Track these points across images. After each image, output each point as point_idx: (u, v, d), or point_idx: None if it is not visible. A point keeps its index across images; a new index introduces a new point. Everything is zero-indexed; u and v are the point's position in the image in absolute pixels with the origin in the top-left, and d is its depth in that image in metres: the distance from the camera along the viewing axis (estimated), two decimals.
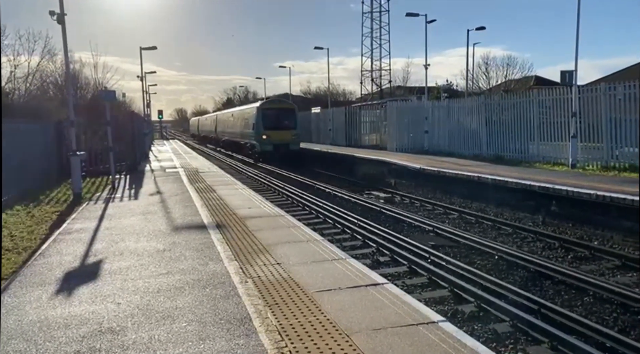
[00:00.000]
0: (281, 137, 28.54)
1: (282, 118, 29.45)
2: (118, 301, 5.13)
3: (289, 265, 6.19)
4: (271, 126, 28.88)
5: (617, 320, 6.35)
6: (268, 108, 30.15)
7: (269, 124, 28.95)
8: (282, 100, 34.76)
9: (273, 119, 29.19)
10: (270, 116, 29.37)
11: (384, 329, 4.15)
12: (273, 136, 28.57)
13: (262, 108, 30.08)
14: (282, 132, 28.80)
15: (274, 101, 34.25)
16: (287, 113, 30.03)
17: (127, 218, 9.81)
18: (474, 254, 9.45)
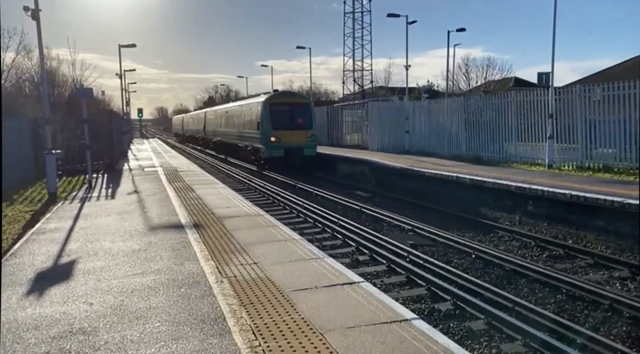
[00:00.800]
0: (294, 139, 22.87)
1: (295, 116, 23.73)
2: (91, 302, 5.06)
3: (266, 264, 6.17)
4: (282, 125, 23.15)
5: (588, 317, 6.48)
6: (277, 102, 23.98)
7: (279, 123, 23.18)
8: (294, 93, 29.69)
9: (284, 117, 23.47)
10: (280, 113, 23.51)
11: (358, 328, 4.17)
12: (284, 138, 22.79)
13: (269, 102, 23.83)
14: (296, 132, 23.05)
15: (285, 94, 27.72)
16: (301, 109, 24.09)
17: (103, 218, 9.67)
18: (452, 253, 9.55)
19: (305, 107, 24.40)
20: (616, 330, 6.06)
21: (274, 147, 22.96)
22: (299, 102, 24.84)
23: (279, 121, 23.23)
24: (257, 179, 20.51)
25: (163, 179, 16.16)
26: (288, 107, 23.92)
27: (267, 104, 23.78)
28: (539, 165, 17.45)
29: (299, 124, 23.50)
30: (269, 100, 23.98)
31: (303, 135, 23.14)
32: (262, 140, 23.57)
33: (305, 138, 23.16)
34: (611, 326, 6.17)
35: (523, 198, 12.46)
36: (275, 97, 24.67)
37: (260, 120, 23.84)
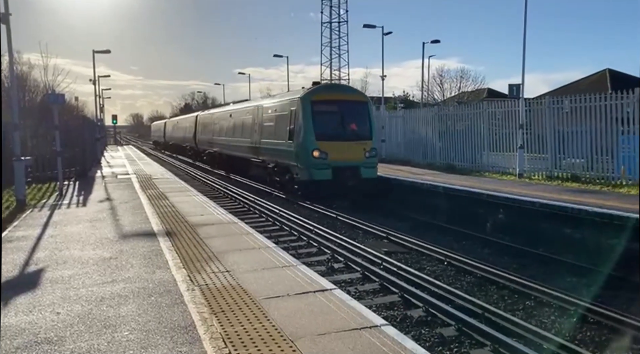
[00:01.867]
0: (347, 153, 16.04)
1: (348, 119, 16.66)
2: (58, 311, 4.96)
3: (238, 272, 6.15)
4: (329, 134, 16.17)
5: (555, 323, 6.64)
6: (323, 100, 16.69)
7: (325, 130, 16.14)
8: (345, 86, 19.46)
9: (332, 121, 16.55)
10: (326, 115, 16.55)
11: (328, 334, 4.19)
12: (333, 152, 15.85)
13: (312, 100, 16.46)
14: (350, 145, 16.21)
15: (332, 88, 20.20)
16: (356, 110, 16.99)
17: (73, 226, 9.48)
18: (425, 260, 9.66)
19: (362, 106, 17.14)
20: (580, 336, 6.22)
21: (317, 165, 15.78)
22: (354, 100, 17.22)
23: (325, 127, 16.22)
24: (232, 186, 20.32)
25: (136, 186, 15.94)
26: (337, 107, 16.75)
27: (308, 103, 16.35)
28: (510, 174, 17.83)
29: (353, 132, 16.55)
30: (310, 97, 16.53)
31: (359, 148, 16.26)
32: (299, 155, 16.35)
33: (362, 152, 16.25)
34: (576, 331, 6.33)
35: (494, 207, 12.71)
36: (319, 93, 17.06)
37: (296, 126, 16.61)
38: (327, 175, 15.83)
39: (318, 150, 15.87)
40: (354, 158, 16.12)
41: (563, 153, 16.46)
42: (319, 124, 16.20)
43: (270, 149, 19.27)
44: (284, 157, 17.74)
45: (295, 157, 16.70)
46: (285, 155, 17.59)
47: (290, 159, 17.13)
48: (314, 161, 15.84)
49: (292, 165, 17.12)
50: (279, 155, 18.34)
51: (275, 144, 18.52)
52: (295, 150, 16.62)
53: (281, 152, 17.95)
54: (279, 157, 18.34)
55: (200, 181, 23.97)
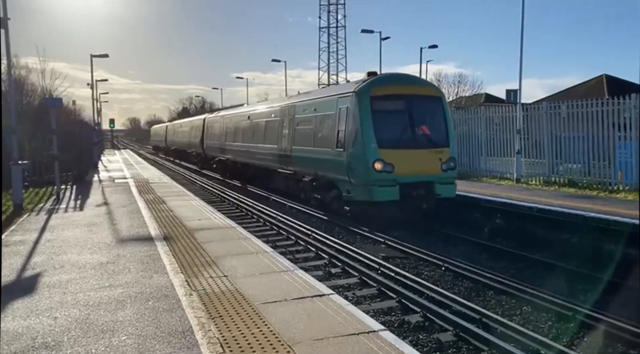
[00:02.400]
0: (419, 164, 12.63)
1: (419, 120, 13.04)
2: (55, 316, 4.95)
3: (236, 277, 6.15)
4: (395, 139, 12.61)
5: (552, 328, 6.65)
6: (386, 95, 12.94)
7: (390, 134, 12.64)
8: (411, 77, 14.92)
9: (400, 122, 12.91)
10: (391, 115, 12.97)
11: (326, 339, 4.20)
12: (401, 164, 12.35)
13: (370, 95, 12.77)
14: (422, 154, 12.74)
15: (397, 78, 14.16)
16: (429, 108, 13.36)
17: (71, 230, 9.47)
18: (422, 265, 9.66)
19: (436, 103, 13.50)
20: (578, 341, 6.23)
21: (379, 181, 12.25)
22: (425, 95, 13.48)
23: (390, 131, 12.65)
24: (230, 191, 20.24)
25: (134, 191, 15.93)
26: (404, 104, 13.00)
27: (367, 99, 12.71)
28: (507, 179, 17.88)
29: (425, 137, 12.99)
30: (368, 91, 12.81)
31: (434, 157, 12.75)
32: (352, 167, 12.72)
33: (437, 163, 12.73)
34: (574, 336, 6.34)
35: (492, 211, 12.72)
36: (380, 85, 13.10)
37: (347, 129, 12.94)
38: (394, 194, 12.17)
39: (381, 162, 12.18)
40: (428, 171, 12.58)
41: (560, 159, 16.52)
42: (381, 127, 12.43)
43: (307, 158, 15.53)
44: (329, 169, 13.93)
45: (346, 169, 12.89)
46: (330, 166, 13.77)
47: (338, 172, 13.37)
48: (375, 176, 12.20)
49: (341, 180, 13.41)
50: (320, 166, 14.54)
51: (315, 152, 14.75)
52: (347, 161, 12.83)
53: (324, 162, 14.12)
54: (321, 168, 14.53)
55: (197, 185, 23.96)
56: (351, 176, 12.80)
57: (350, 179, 12.83)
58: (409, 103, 13.01)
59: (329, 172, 13.99)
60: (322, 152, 14.23)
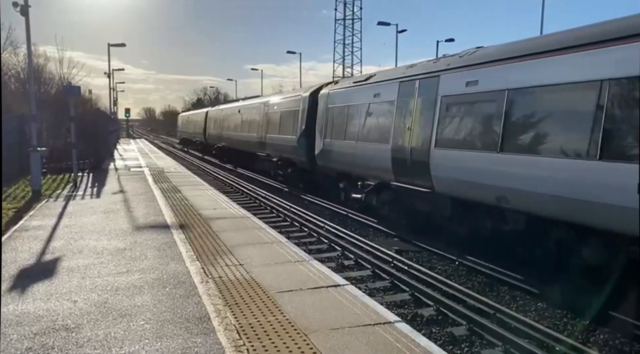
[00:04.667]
0: None
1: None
2: (74, 299, 5.04)
3: (251, 266, 6.19)
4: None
5: (567, 325, 6.60)
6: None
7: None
8: None
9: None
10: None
11: (342, 329, 4.22)
12: None
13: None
14: None
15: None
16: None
17: (88, 216, 9.60)
18: (435, 259, 9.63)
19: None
20: (593, 338, 6.18)
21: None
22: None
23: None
24: (244, 182, 20.28)
25: (149, 179, 16.08)
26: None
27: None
28: None
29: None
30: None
31: None
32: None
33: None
34: (589, 333, 6.29)
35: None
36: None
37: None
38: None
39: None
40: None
41: None
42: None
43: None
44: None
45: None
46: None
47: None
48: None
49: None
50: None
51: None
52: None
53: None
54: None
55: (211, 176, 24.11)
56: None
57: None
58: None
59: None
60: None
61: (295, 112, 17.69)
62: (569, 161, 6.92)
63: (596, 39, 6.87)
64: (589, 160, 6.61)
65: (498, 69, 8.53)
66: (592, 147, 6.58)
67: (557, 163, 7.09)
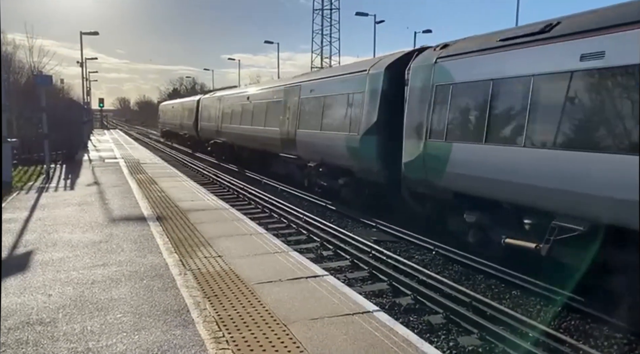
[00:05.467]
0: None
1: None
2: (49, 293, 4.94)
3: (230, 257, 6.17)
4: None
5: (540, 312, 6.78)
6: None
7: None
8: None
9: None
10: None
11: (321, 319, 4.24)
12: None
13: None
14: None
15: None
16: None
17: (62, 209, 9.41)
18: (413, 249, 9.74)
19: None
20: (565, 324, 6.36)
21: None
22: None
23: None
24: (222, 173, 20.10)
25: (125, 171, 15.82)
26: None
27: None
28: None
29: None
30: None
31: None
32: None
33: None
34: (562, 320, 6.46)
35: None
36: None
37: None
38: None
39: None
40: None
41: None
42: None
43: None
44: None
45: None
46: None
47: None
48: None
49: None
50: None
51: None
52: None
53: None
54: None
55: (188, 167, 23.84)
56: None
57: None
58: None
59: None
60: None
61: (354, 97, 12.49)
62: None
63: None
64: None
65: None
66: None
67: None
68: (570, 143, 6.64)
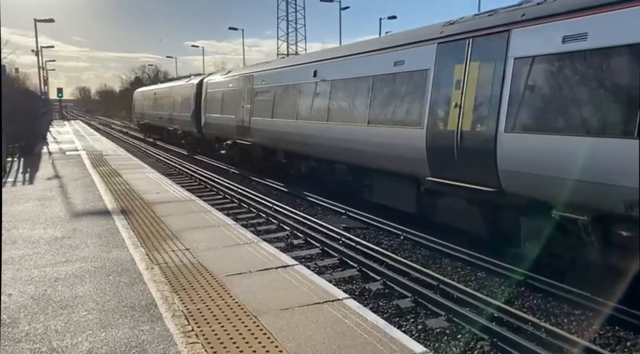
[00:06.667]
0: None
1: None
2: (9, 292, 4.78)
3: (198, 250, 6.10)
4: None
5: (504, 292, 7.00)
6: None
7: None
8: None
9: None
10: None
11: (292, 309, 4.26)
12: None
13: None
14: None
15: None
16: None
17: (21, 204, 9.08)
18: (382, 235, 9.87)
19: None
20: (528, 304, 6.59)
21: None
22: None
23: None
24: (186, 163, 19.79)
25: (87, 163, 15.36)
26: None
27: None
28: None
29: None
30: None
31: None
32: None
33: None
34: (525, 299, 6.69)
35: None
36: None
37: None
38: None
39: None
40: None
41: None
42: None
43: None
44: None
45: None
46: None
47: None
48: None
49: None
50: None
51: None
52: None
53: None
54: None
55: (153, 157, 23.37)
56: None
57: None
58: None
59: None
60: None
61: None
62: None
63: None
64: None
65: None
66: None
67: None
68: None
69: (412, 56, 9.23)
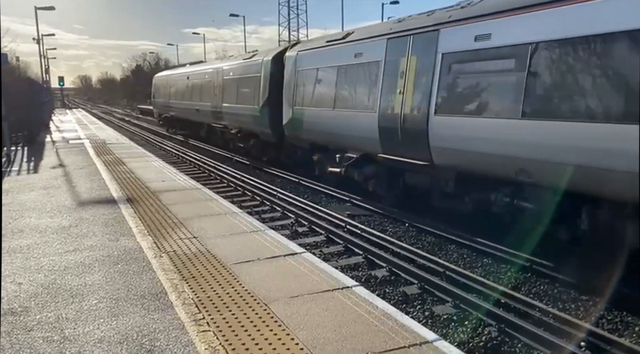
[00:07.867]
0: None
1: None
2: (19, 281, 4.80)
3: (206, 238, 6.11)
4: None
5: (511, 278, 7.01)
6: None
7: None
8: None
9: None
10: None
11: (301, 297, 4.27)
12: None
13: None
14: None
15: None
16: None
17: (26, 193, 9.09)
18: (387, 222, 9.87)
19: None
20: (535, 290, 6.60)
21: None
22: None
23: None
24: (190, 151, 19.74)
25: (91, 152, 15.36)
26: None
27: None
28: None
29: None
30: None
31: None
32: None
33: None
34: (531, 285, 6.70)
35: None
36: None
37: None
38: None
39: None
40: None
41: None
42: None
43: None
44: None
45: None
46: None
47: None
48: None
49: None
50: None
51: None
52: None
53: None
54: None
55: (157, 146, 23.36)
56: None
57: None
58: None
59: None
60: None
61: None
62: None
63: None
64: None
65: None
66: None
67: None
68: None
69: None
